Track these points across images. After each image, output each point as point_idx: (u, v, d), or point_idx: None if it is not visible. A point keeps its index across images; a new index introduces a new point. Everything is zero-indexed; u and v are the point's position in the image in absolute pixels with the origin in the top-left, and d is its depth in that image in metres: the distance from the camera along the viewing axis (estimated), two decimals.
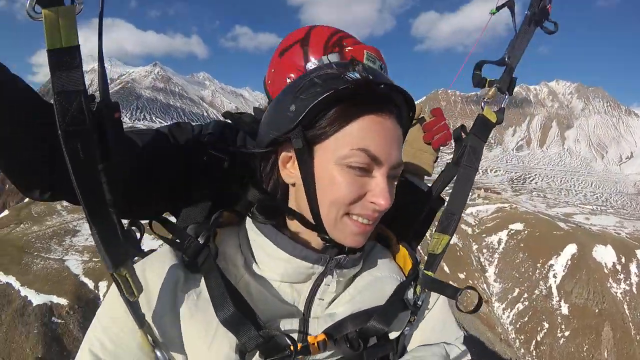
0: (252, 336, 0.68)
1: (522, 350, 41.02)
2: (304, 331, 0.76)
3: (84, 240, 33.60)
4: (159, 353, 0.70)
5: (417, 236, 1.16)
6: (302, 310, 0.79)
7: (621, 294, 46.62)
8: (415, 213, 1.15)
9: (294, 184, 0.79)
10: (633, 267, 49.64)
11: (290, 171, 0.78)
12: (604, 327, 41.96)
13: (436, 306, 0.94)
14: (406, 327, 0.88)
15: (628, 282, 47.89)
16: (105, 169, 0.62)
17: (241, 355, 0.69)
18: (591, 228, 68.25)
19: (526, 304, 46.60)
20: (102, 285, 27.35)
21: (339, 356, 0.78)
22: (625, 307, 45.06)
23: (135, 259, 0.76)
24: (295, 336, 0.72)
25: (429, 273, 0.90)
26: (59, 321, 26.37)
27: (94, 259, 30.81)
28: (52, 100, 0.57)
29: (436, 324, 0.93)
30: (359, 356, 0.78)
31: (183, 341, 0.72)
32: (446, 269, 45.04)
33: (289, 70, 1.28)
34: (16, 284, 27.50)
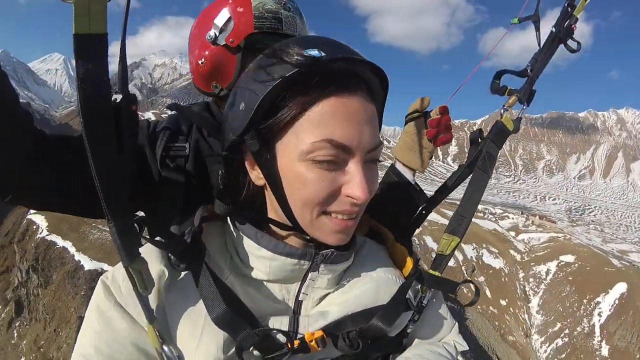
0: (248, 334, 0.66)
1: None
2: (294, 330, 0.72)
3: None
4: (166, 348, 0.67)
5: (406, 235, 1.12)
6: (292, 308, 0.76)
7: None
8: (406, 211, 1.14)
9: (265, 186, 0.74)
10: None
11: (257, 173, 0.72)
12: None
13: (433, 299, 0.90)
14: (409, 326, 0.85)
15: None
16: (121, 160, 0.61)
17: (238, 353, 0.66)
18: None
19: (566, 340, 44.33)
20: None
21: (338, 354, 0.75)
22: None
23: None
24: (275, 334, 0.69)
25: (435, 273, 0.88)
26: None
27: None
28: (76, 87, 0.56)
29: (436, 318, 0.91)
30: (359, 355, 0.75)
31: (176, 343, 0.69)
32: (488, 293, 43.60)
33: (199, 45, 1.25)
34: (71, 249, 29.60)
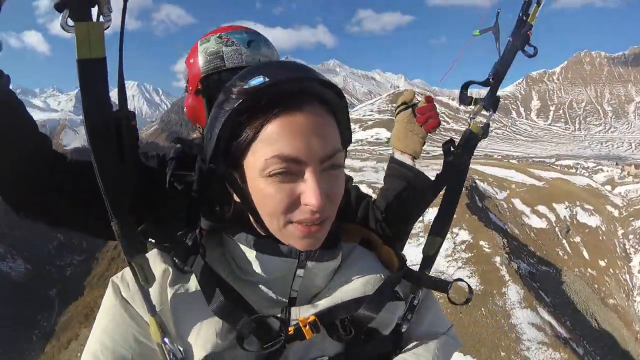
0: (246, 322, 0.69)
1: None
2: (286, 317, 0.75)
3: None
4: (167, 340, 0.71)
5: (400, 235, 1.24)
6: (285, 303, 0.79)
7: None
8: (413, 194, 1.28)
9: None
10: None
11: (234, 193, 0.78)
12: None
13: (427, 299, 0.94)
14: (403, 325, 0.88)
15: None
16: (122, 170, 0.70)
17: (238, 341, 0.69)
18: None
19: None
20: None
21: (334, 352, 0.78)
22: None
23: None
24: (272, 322, 0.72)
25: (425, 273, 0.94)
26: None
27: None
28: (82, 105, 0.66)
29: (430, 318, 0.93)
30: (354, 356, 0.79)
31: (179, 334, 0.73)
32: (585, 254, 42.01)
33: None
34: None
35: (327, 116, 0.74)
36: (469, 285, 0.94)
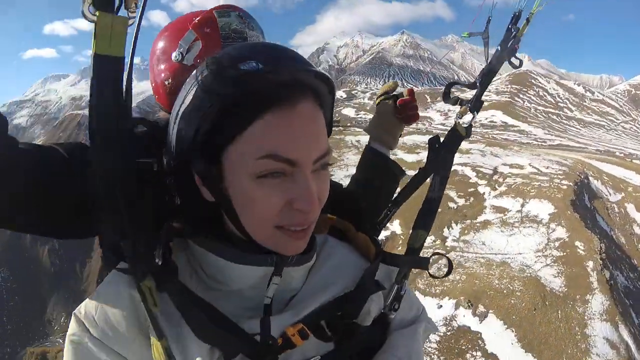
0: (232, 343, 0.66)
1: None
2: (265, 332, 0.69)
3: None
4: None
5: (378, 210, 1.21)
6: (262, 313, 0.73)
7: None
8: (388, 183, 1.31)
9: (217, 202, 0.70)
10: None
11: (206, 191, 0.70)
12: None
13: (408, 288, 0.92)
14: (391, 315, 0.88)
15: None
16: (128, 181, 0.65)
17: None
18: None
19: None
20: None
21: (324, 351, 0.75)
22: None
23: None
24: (257, 338, 0.68)
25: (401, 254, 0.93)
26: None
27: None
28: (88, 102, 0.60)
29: (404, 303, 0.92)
30: (344, 349, 0.77)
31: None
32: None
33: (162, 72, 1.25)
34: None
35: (319, 111, 0.68)
36: (448, 260, 0.97)
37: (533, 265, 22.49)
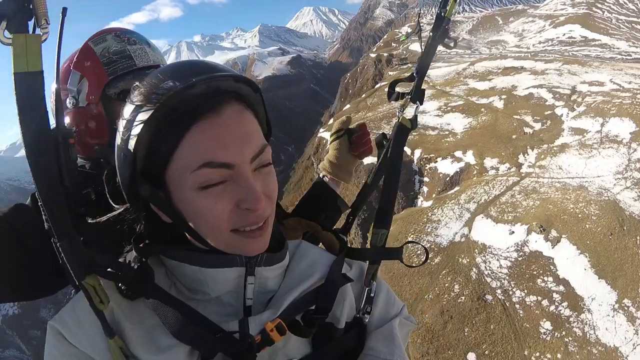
0: (211, 342, 0.68)
1: None
2: (244, 331, 0.71)
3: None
4: None
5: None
6: (241, 314, 0.76)
7: None
8: (332, 217, 1.35)
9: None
10: None
11: (162, 213, 0.72)
12: None
13: (377, 284, 0.94)
14: (365, 318, 0.89)
15: None
16: (66, 190, 0.68)
17: None
18: None
19: None
20: (417, 152, 35.29)
21: (298, 346, 0.78)
22: None
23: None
24: (237, 336, 0.70)
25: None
26: None
27: (413, 133, 38.62)
28: (18, 119, 0.62)
29: (383, 303, 0.94)
30: (319, 344, 0.80)
31: None
32: None
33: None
34: None
35: (247, 112, 0.71)
36: (423, 247, 1.00)
37: (612, 188, 21.78)
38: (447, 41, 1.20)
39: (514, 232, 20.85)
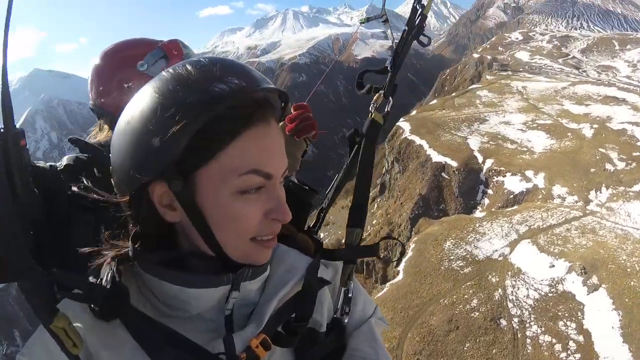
0: None
1: None
2: (229, 351, 0.68)
3: (489, 127, 40.66)
4: None
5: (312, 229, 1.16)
6: (223, 330, 0.73)
7: None
8: (300, 210, 1.16)
9: (179, 221, 0.70)
10: None
11: (171, 211, 0.68)
12: None
13: (357, 286, 0.94)
14: (344, 319, 0.90)
15: None
16: (19, 208, 0.57)
17: None
18: None
19: None
20: (488, 162, 33.97)
21: (281, 356, 0.77)
22: None
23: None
24: (223, 357, 0.67)
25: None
26: (445, 177, 35.92)
27: (490, 142, 37.47)
28: None
29: (361, 302, 0.95)
30: (302, 350, 0.79)
31: None
32: None
33: (127, 77, 1.28)
34: (425, 146, 38.88)
35: (278, 126, 0.73)
36: (400, 242, 1.09)
37: None
38: (421, 38, 1.18)
39: (554, 266, 19.83)
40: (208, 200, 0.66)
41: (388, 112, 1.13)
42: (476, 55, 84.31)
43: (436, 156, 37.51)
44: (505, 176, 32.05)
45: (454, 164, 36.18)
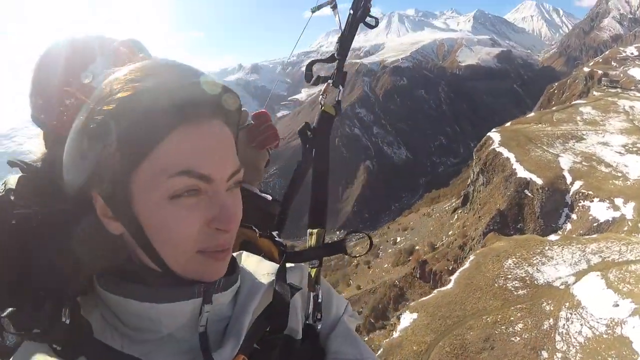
0: None
1: None
2: None
3: (585, 147, 37.12)
4: None
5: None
6: (198, 350, 0.66)
7: None
8: (265, 220, 1.12)
9: (123, 234, 0.64)
10: None
11: (114, 222, 0.63)
12: None
13: (325, 287, 0.92)
14: (318, 325, 0.88)
15: None
16: None
17: None
18: None
19: None
20: (577, 183, 31.15)
21: None
22: None
23: None
24: None
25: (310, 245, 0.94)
26: (528, 194, 33.71)
27: (584, 163, 34.25)
28: None
29: (336, 301, 0.94)
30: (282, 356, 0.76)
31: None
32: None
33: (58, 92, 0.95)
34: (512, 160, 36.85)
35: (226, 128, 0.66)
36: (367, 236, 0.97)
37: None
38: (368, 20, 1.13)
39: (618, 306, 18.27)
40: (143, 207, 0.60)
41: (339, 101, 1.10)
42: (587, 69, 77.29)
43: (522, 171, 35.64)
44: (593, 201, 29.90)
45: (539, 181, 34.40)
